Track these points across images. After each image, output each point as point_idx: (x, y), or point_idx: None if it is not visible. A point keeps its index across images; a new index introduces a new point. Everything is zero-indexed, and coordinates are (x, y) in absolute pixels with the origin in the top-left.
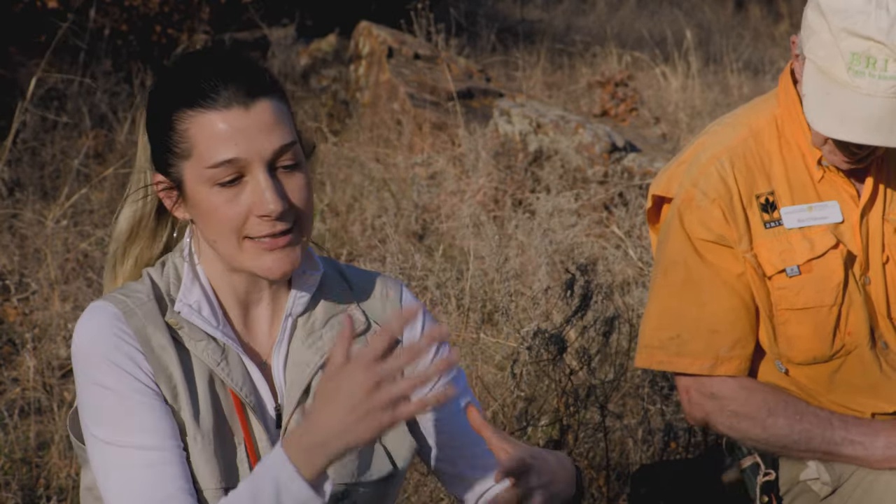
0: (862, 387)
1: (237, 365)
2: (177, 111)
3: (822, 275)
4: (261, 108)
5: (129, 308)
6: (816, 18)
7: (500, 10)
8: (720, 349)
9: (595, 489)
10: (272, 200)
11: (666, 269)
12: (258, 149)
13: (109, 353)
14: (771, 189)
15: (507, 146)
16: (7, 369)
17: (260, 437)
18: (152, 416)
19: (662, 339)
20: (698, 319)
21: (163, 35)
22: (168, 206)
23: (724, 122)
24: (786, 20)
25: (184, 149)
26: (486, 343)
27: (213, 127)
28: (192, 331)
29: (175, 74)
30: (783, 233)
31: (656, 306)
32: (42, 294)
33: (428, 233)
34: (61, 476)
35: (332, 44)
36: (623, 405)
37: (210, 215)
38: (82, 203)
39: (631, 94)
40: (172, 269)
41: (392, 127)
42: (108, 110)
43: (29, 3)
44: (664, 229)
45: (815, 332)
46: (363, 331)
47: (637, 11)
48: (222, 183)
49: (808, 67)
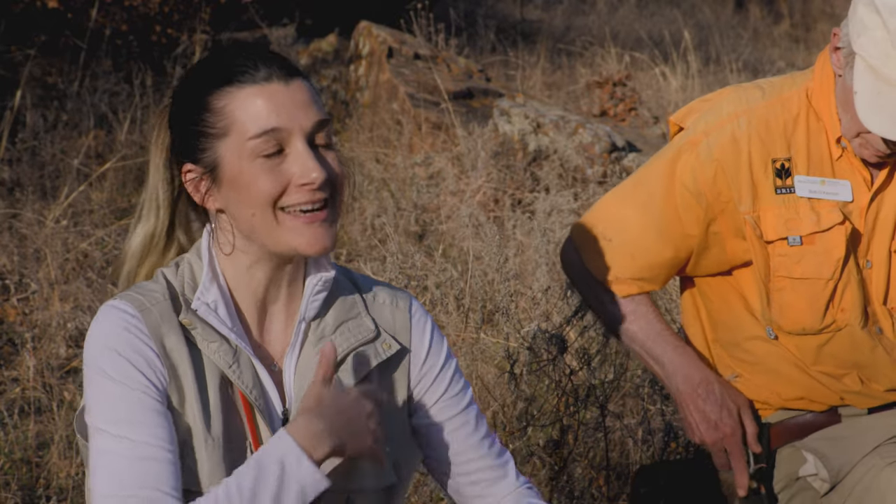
0: (849, 363)
1: (248, 367)
2: (214, 91)
3: (823, 248)
4: (298, 85)
5: (145, 306)
6: (870, 15)
7: (500, 10)
8: (627, 273)
9: (595, 489)
10: (314, 168)
11: (638, 181)
12: (299, 120)
13: (122, 346)
14: (788, 155)
15: (507, 146)
16: (7, 369)
17: (267, 440)
18: (153, 417)
19: (598, 232)
20: (631, 241)
21: (163, 35)
22: (197, 199)
23: (758, 84)
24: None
25: (221, 127)
26: (486, 343)
27: (255, 100)
28: (205, 331)
29: (206, 63)
30: (793, 200)
31: (612, 204)
32: (42, 294)
33: (427, 233)
34: (61, 476)
35: (332, 44)
36: (623, 405)
37: (250, 187)
38: (82, 203)
39: (630, 94)
40: (188, 269)
41: (392, 127)
42: (108, 110)
43: (29, 3)
44: (663, 150)
45: (809, 304)
46: (372, 339)
47: (637, 11)
48: (264, 155)
49: (858, 65)
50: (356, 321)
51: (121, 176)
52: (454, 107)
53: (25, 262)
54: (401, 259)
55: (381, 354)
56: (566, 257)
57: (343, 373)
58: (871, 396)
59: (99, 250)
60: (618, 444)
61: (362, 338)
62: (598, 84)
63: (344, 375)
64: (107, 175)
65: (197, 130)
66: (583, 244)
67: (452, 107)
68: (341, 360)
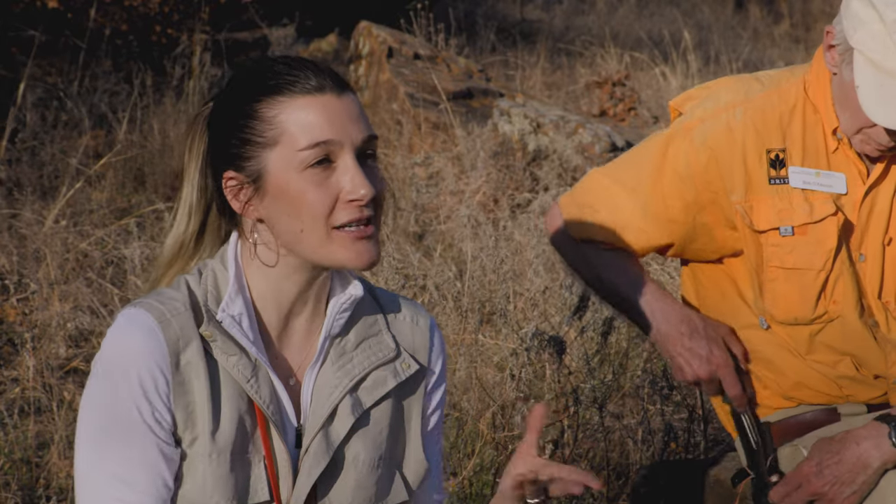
0: (842, 351)
1: (266, 382)
2: (264, 99)
3: (815, 239)
4: (349, 98)
5: (166, 318)
6: (865, 10)
7: (500, 10)
8: (609, 240)
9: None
10: (363, 185)
11: (629, 159)
12: (350, 134)
13: (135, 375)
14: (783, 146)
15: (506, 146)
16: (7, 369)
17: (281, 455)
18: (150, 453)
19: (586, 200)
20: (615, 214)
21: (163, 35)
22: (237, 208)
23: (757, 76)
24: (786, 20)
25: (270, 136)
26: (486, 344)
27: (308, 110)
28: (225, 344)
29: (255, 70)
30: (786, 191)
31: (604, 176)
32: (42, 294)
33: (427, 233)
34: (61, 476)
35: (332, 44)
36: (623, 405)
37: (298, 201)
38: (82, 203)
39: (629, 94)
40: (211, 278)
41: (392, 127)
42: (108, 110)
43: (29, 3)
44: (657, 132)
45: (800, 294)
46: (392, 358)
47: (636, 11)
48: (313, 165)
49: (857, 59)
50: (377, 339)
51: (120, 176)
52: (454, 107)
53: (25, 262)
54: (397, 259)
55: (401, 374)
56: (551, 222)
57: (362, 392)
58: (866, 383)
59: (98, 250)
60: (618, 444)
61: (383, 356)
62: (597, 84)
63: (363, 394)
64: (106, 175)
65: (242, 138)
66: (569, 212)
67: (452, 107)
68: (361, 378)
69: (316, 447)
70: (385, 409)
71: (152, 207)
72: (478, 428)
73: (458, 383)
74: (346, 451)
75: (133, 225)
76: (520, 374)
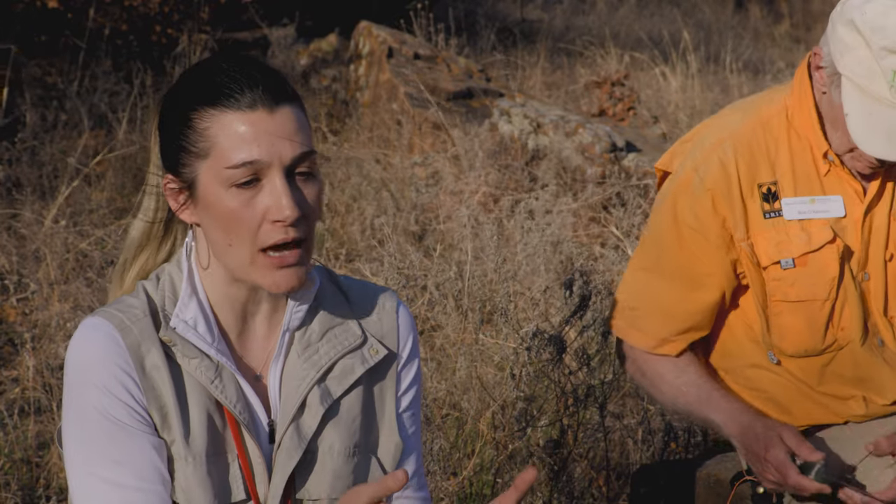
0: (853, 379)
1: (231, 382)
2: (198, 109)
3: (816, 269)
4: (284, 113)
5: (125, 325)
6: (851, 35)
7: (500, 10)
8: (669, 333)
9: (595, 489)
10: (288, 206)
11: (645, 242)
12: (279, 153)
13: (104, 379)
14: (774, 179)
15: (506, 146)
16: (7, 369)
17: (253, 453)
18: (140, 453)
19: (623, 307)
20: (658, 301)
21: (163, 35)
22: (174, 209)
23: (735, 107)
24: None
25: (202, 148)
26: (486, 344)
27: (237, 127)
28: (185, 348)
29: (198, 74)
30: (782, 224)
31: (629, 274)
32: (41, 294)
33: (427, 233)
34: (61, 476)
35: (332, 44)
36: (623, 405)
37: (225, 218)
38: (81, 203)
39: (628, 94)
40: (168, 282)
41: (392, 127)
42: (108, 110)
43: (29, 3)
44: (658, 202)
45: (808, 326)
46: (358, 345)
47: (637, 11)
48: (239, 184)
49: (846, 86)
50: (342, 327)
51: (120, 176)
52: (454, 107)
53: (25, 262)
54: (399, 259)
55: (369, 361)
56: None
57: (331, 381)
58: (874, 416)
59: (98, 250)
60: (618, 444)
61: (349, 345)
62: (597, 84)
63: (332, 384)
64: (106, 175)
65: (179, 144)
66: (619, 327)
67: (452, 107)
68: (329, 367)
69: (288, 442)
70: (356, 397)
71: None
72: (478, 428)
73: (459, 383)
74: (320, 442)
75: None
76: (520, 373)
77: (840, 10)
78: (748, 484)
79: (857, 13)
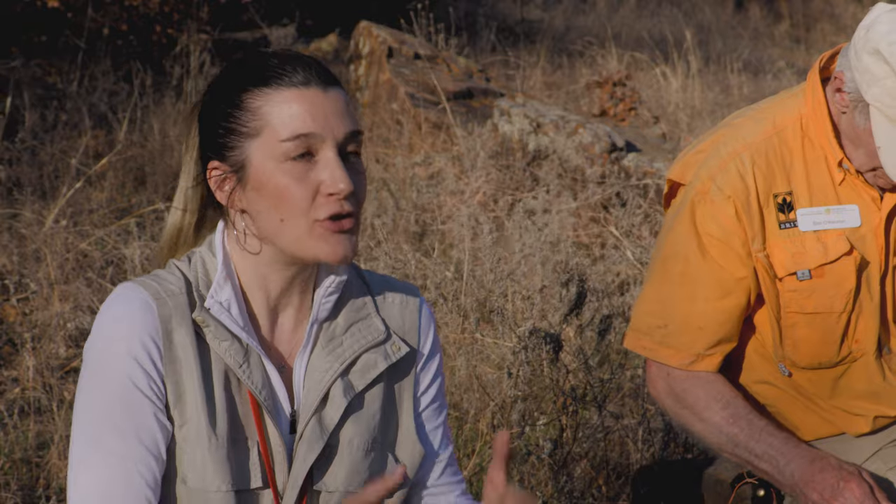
0: (865, 392)
1: (258, 367)
2: (250, 90)
3: (833, 281)
4: (335, 93)
5: (161, 297)
6: (878, 65)
7: (500, 10)
8: (703, 347)
9: (595, 489)
10: (342, 179)
11: (666, 257)
12: (332, 128)
13: (130, 343)
14: (789, 189)
15: (506, 146)
16: (7, 369)
17: (274, 440)
18: (145, 423)
19: (650, 325)
20: (688, 314)
21: (163, 35)
22: (220, 198)
23: (747, 115)
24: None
25: (254, 127)
26: (484, 343)
27: (291, 102)
28: (217, 330)
29: (246, 61)
30: (797, 234)
31: (651, 292)
32: (41, 294)
33: (427, 233)
34: (61, 476)
35: (332, 44)
36: (622, 405)
37: (279, 193)
38: (82, 203)
39: (629, 94)
40: (200, 264)
41: (392, 127)
42: (108, 110)
43: (29, 3)
44: (672, 215)
45: (823, 338)
46: (382, 340)
47: (637, 11)
48: (293, 157)
49: (875, 116)
50: (366, 322)
51: (120, 176)
52: (454, 107)
53: (25, 262)
54: (394, 260)
55: (391, 357)
56: (651, 384)
57: (353, 375)
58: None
59: (98, 250)
60: (617, 444)
61: (372, 339)
62: (597, 84)
63: (354, 377)
64: (106, 175)
65: (228, 127)
66: (648, 347)
67: (452, 107)
68: (352, 361)
69: (310, 433)
70: (377, 392)
71: (152, 207)
72: (478, 428)
73: (459, 383)
74: (341, 435)
75: (133, 225)
76: (517, 372)
77: (864, 37)
78: (749, 486)
79: (883, 44)
